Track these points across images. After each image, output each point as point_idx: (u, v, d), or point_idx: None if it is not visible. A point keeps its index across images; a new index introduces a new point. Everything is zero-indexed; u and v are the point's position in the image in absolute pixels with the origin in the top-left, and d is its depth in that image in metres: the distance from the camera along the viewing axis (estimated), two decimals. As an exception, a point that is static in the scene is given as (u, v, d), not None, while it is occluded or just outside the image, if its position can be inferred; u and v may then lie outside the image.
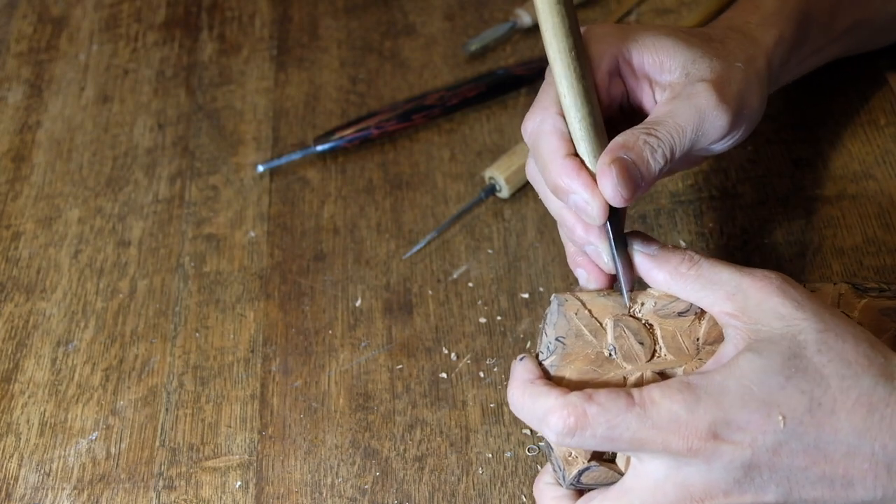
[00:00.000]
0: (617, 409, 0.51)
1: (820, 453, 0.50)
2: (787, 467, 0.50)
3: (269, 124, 0.87)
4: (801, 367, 0.51)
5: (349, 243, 0.78)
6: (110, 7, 0.99)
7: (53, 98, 0.92)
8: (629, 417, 0.51)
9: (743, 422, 0.50)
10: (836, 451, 0.50)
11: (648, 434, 0.50)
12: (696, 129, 0.57)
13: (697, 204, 0.76)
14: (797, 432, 0.50)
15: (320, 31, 0.93)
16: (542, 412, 0.52)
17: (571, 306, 0.57)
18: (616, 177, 0.54)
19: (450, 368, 0.70)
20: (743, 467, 0.50)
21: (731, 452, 0.50)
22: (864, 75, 0.81)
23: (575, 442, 0.52)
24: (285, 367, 0.72)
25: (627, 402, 0.51)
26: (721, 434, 0.50)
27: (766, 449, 0.50)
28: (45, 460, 0.69)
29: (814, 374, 0.51)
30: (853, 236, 0.73)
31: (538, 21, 0.55)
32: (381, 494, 0.65)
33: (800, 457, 0.50)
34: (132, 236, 0.81)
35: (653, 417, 0.50)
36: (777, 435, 0.50)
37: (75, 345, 0.75)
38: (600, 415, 0.51)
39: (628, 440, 0.51)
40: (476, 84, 0.85)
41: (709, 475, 0.51)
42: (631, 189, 0.55)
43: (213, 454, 0.68)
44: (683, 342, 0.56)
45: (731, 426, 0.50)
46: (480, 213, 0.78)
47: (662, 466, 0.51)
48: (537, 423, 0.53)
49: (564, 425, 0.51)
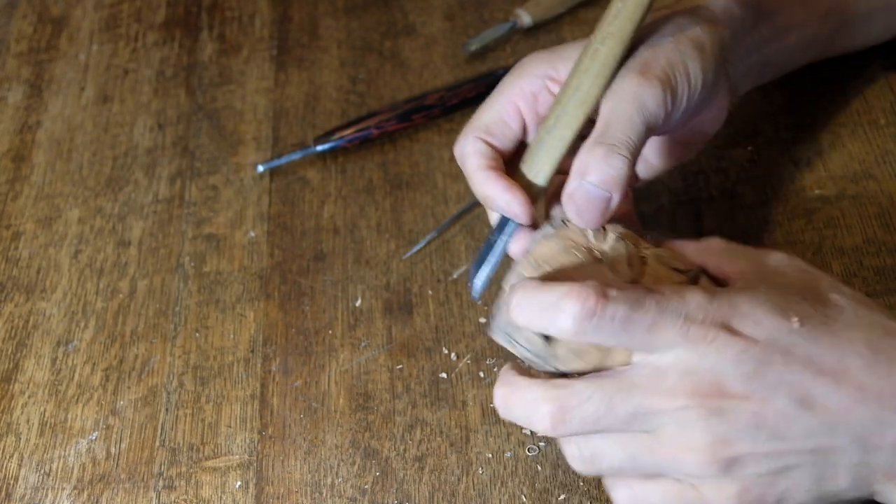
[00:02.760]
0: (637, 294, 0.50)
1: (835, 360, 0.49)
2: (800, 370, 0.49)
3: (269, 124, 0.87)
4: (817, 294, 0.52)
5: (349, 243, 0.78)
6: (110, 7, 0.99)
7: (53, 98, 0.92)
8: (649, 301, 0.50)
9: (759, 317, 0.50)
10: (853, 363, 0.49)
11: (667, 320, 0.49)
12: (639, 112, 0.57)
13: (697, 204, 0.76)
14: (812, 336, 0.50)
15: (320, 31, 0.93)
16: (556, 297, 0.50)
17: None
18: (578, 210, 0.57)
19: (450, 368, 0.70)
20: (754, 360, 0.49)
21: (745, 343, 0.49)
22: (863, 75, 0.81)
23: (592, 327, 0.49)
24: (285, 367, 0.72)
25: (646, 289, 0.50)
26: (737, 326, 0.49)
27: (780, 347, 0.49)
28: (45, 460, 0.69)
29: (829, 301, 0.51)
30: (853, 236, 0.73)
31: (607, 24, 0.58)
32: (381, 494, 0.65)
33: (814, 362, 0.49)
34: (132, 236, 0.81)
35: (673, 303, 0.50)
36: (792, 335, 0.49)
37: (75, 345, 0.75)
38: (621, 296, 0.49)
39: (647, 325, 0.49)
40: (476, 84, 0.85)
41: (717, 365, 0.49)
42: (600, 211, 0.57)
43: (213, 454, 0.68)
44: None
45: (746, 319, 0.50)
46: (480, 214, 0.78)
47: (670, 356, 0.50)
48: (550, 311, 0.50)
49: (583, 306, 0.49)
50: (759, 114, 0.81)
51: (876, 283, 0.70)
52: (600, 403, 0.50)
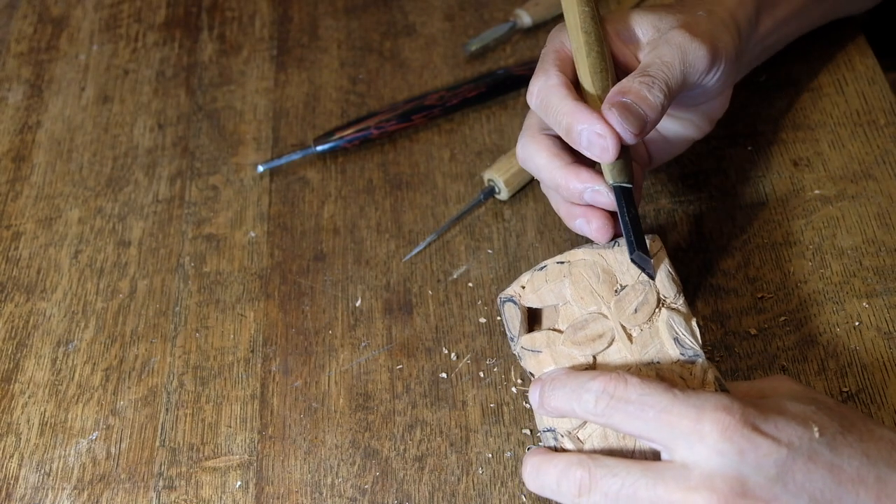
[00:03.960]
0: (655, 385, 0.52)
1: (854, 472, 0.50)
2: (821, 478, 0.50)
3: (269, 124, 0.87)
4: (828, 406, 0.53)
5: (349, 243, 0.78)
6: (110, 7, 0.99)
7: (53, 98, 0.92)
8: (663, 394, 0.51)
9: (781, 422, 0.50)
10: (869, 474, 0.50)
11: (680, 410, 0.50)
12: (682, 62, 0.62)
13: (697, 204, 0.76)
14: (832, 445, 0.50)
15: (320, 31, 0.93)
16: (584, 379, 0.54)
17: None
18: (619, 117, 0.59)
19: (450, 368, 0.70)
20: (777, 465, 0.49)
21: (768, 447, 0.49)
22: (864, 75, 0.81)
23: (609, 406, 0.52)
24: (285, 367, 0.72)
25: (666, 384, 0.52)
26: (759, 426, 0.50)
27: (803, 453, 0.50)
28: (45, 460, 0.69)
29: (841, 415, 0.52)
30: (853, 236, 0.73)
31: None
32: (381, 494, 0.65)
33: (835, 471, 0.50)
34: (132, 236, 0.81)
35: (689, 397, 0.51)
36: (813, 443, 0.50)
37: (75, 345, 0.75)
38: (639, 384, 0.52)
39: (656, 415, 0.51)
40: (476, 84, 0.85)
41: (740, 467, 0.49)
42: (637, 125, 0.59)
43: (213, 454, 0.68)
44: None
45: (768, 422, 0.50)
46: (480, 214, 0.78)
47: (691, 455, 0.50)
48: (577, 389, 0.54)
49: (605, 388, 0.52)
50: (759, 114, 0.81)
51: (876, 283, 0.70)
52: (625, 482, 0.51)
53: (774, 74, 0.82)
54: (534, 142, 0.64)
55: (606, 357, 0.58)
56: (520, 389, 0.68)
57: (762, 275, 0.71)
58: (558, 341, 0.60)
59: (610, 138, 0.59)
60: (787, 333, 0.68)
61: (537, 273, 0.62)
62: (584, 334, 0.59)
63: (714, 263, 0.72)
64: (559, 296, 0.61)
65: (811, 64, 0.83)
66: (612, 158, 0.59)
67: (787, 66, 0.83)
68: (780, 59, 0.81)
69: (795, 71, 0.82)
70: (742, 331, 0.69)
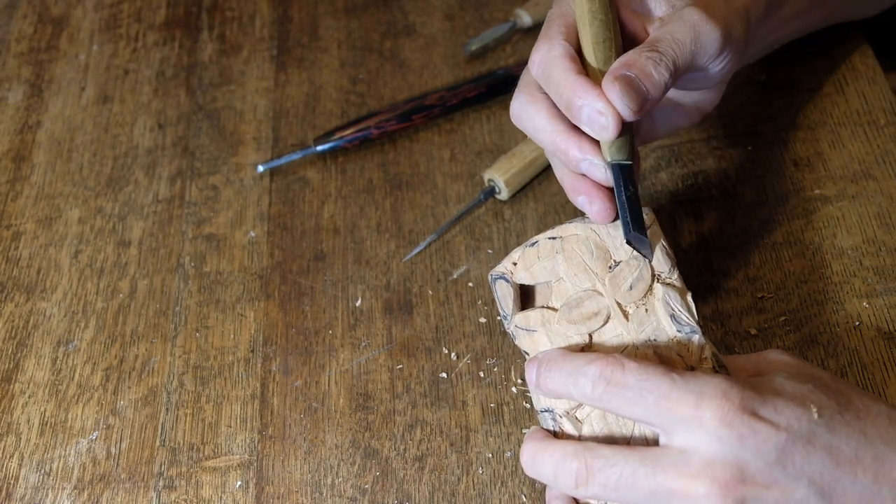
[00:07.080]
0: (653, 369, 0.51)
1: (852, 453, 0.50)
2: (819, 461, 0.50)
3: (269, 124, 0.87)
4: (825, 383, 0.52)
5: (349, 243, 0.78)
6: (110, 7, 0.99)
7: (53, 98, 0.92)
8: (662, 378, 0.51)
9: (780, 405, 0.50)
10: (866, 453, 0.50)
11: (679, 396, 0.50)
12: (693, 41, 0.60)
13: (697, 204, 0.76)
14: (830, 426, 0.50)
15: (320, 31, 0.93)
16: (581, 362, 0.53)
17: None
18: (620, 91, 0.57)
19: (450, 368, 0.70)
20: (776, 450, 0.49)
21: (766, 431, 0.49)
22: (863, 75, 0.81)
23: (606, 391, 0.52)
24: (285, 367, 0.72)
25: (665, 368, 0.51)
26: (758, 411, 0.50)
27: (801, 436, 0.50)
28: (45, 460, 0.69)
29: (839, 390, 0.52)
30: (853, 236, 0.73)
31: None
32: (381, 494, 0.65)
33: (833, 453, 0.50)
34: (132, 236, 0.81)
35: (688, 382, 0.50)
36: (811, 425, 0.50)
37: (75, 345, 0.75)
38: (637, 368, 0.51)
39: (655, 401, 0.50)
40: (476, 84, 0.85)
41: (740, 452, 0.49)
42: (638, 101, 0.57)
43: (214, 454, 0.68)
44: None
45: (767, 405, 0.50)
46: (480, 214, 0.78)
47: (690, 441, 0.50)
48: (573, 373, 0.53)
49: (601, 373, 0.52)
50: (759, 114, 0.81)
51: (876, 283, 0.70)
52: (623, 472, 0.51)
53: (774, 74, 0.82)
54: (532, 101, 0.62)
55: (602, 335, 0.58)
56: (520, 389, 0.68)
57: (762, 275, 0.71)
58: (553, 320, 0.59)
59: (610, 116, 0.57)
60: (787, 333, 0.68)
61: (529, 249, 0.61)
62: (579, 312, 0.58)
63: (714, 263, 0.72)
64: (552, 272, 0.60)
65: (811, 64, 0.83)
66: (612, 137, 0.58)
67: (787, 66, 0.83)
68: (780, 59, 0.81)
69: (795, 71, 0.82)
70: (742, 331, 0.69)
